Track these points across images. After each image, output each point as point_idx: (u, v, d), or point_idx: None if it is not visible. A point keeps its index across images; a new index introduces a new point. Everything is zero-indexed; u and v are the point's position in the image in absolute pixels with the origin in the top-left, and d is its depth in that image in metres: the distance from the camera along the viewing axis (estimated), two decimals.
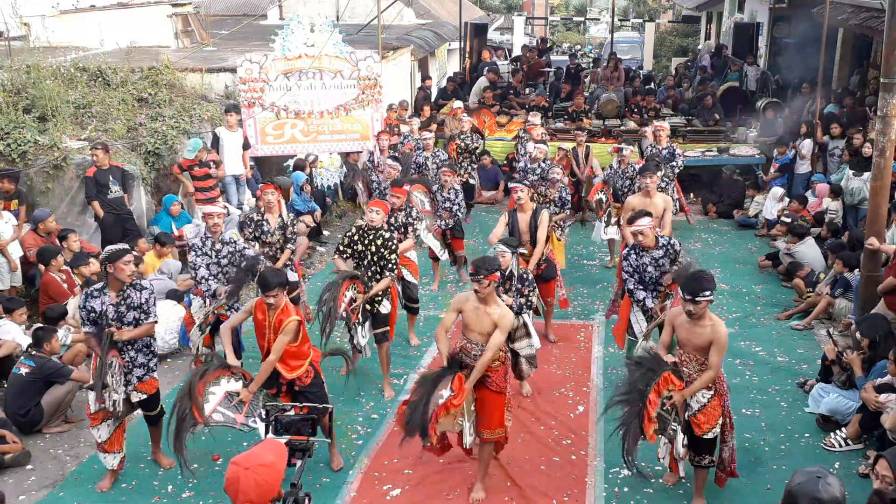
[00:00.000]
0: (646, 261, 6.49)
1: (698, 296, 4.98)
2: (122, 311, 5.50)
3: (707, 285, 5.03)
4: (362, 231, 6.93)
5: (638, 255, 6.53)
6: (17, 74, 9.88)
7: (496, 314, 5.28)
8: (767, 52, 18.21)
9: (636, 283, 6.55)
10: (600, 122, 14.28)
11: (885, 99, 6.99)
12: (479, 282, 5.20)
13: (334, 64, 11.87)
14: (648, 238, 6.42)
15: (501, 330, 5.27)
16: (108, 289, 5.50)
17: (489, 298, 5.29)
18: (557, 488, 5.68)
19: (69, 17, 14.23)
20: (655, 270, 6.49)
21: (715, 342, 5.05)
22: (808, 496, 2.96)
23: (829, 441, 6.19)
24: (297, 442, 3.82)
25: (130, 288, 5.54)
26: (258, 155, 11.82)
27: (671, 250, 6.45)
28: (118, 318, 5.49)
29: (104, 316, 5.47)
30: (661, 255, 6.46)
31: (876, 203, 7.30)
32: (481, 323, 5.31)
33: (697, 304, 5.00)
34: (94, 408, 5.44)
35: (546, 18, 36.56)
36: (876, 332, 6.54)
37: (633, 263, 6.55)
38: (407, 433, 5.22)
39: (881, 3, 9.50)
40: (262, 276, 5.49)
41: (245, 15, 19.44)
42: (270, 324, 5.50)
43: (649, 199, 7.67)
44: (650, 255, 6.48)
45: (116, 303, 5.48)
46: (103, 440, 5.58)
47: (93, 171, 8.98)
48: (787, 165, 12.41)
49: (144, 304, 5.55)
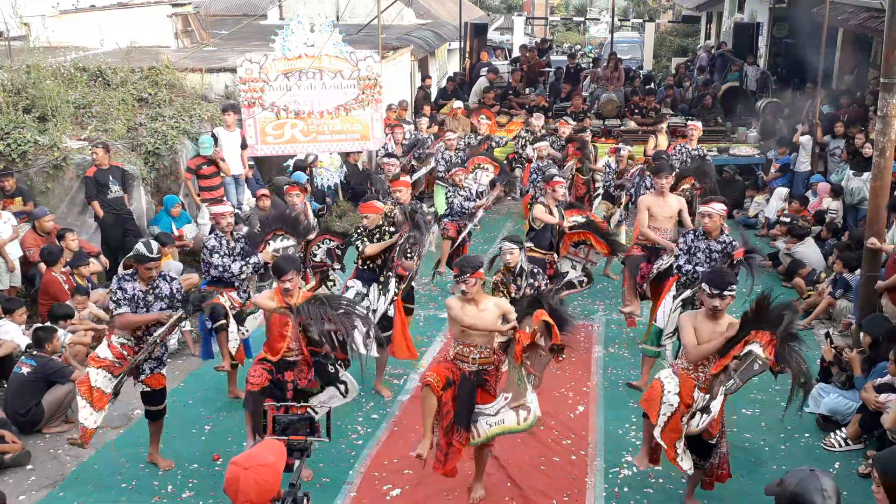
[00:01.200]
0: (701, 246, 6.57)
1: (726, 290, 5.01)
2: (150, 300, 5.60)
3: (733, 279, 5.11)
4: (366, 232, 6.93)
5: (696, 237, 6.63)
6: (17, 74, 9.88)
7: (492, 307, 5.21)
8: (767, 52, 18.22)
9: (686, 259, 6.62)
10: (600, 122, 14.29)
11: (885, 99, 6.98)
12: (464, 282, 5.11)
13: (334, 64, 11.87)
14: (714, 223, 6.50)
15: (510, 312, 5.19)
16: (137, 277, 5.60)
17: (478, 297, 5.20)
18: (557, 488, 5.68)
19: (69, 17, 14.23)
20: (707, 261, 6.52)
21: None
22: (816, 489, 2.96)
23: (829, 441, 6.19)
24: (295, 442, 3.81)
25: (160, 278, 5.67)
26: (258, 155, 11.82)
27: (730, 248, 6.50)
28: (146, 306, 5.59)
29: (135, 299, 5.53)
30: (720, 249, 6.52)
31: (876, 203, 7.30)
32: (474, 321, 5.23)
33: (724, 300, 5.02)
34: (104, 387, 5.52)
35: (546, 18, 36.56)
36: (879, 331, 6.55)
37: (689, 242, 6.64)
38: None
39: (881, 3, 9.50)
40: (276, 262, 5.61)
41: (245, 15, 19.43)
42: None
43: (663, 198, 7.65)
44: (708, 242, 6.55)
45: (145, 291, 5.59)
46: (97, 425, 5.61)
47: (93, 170, 8.98)
48: (787, 165, 12.41)
49: (172, 294, 5.67)
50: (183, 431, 6.47)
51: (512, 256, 6.53)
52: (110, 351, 5.57)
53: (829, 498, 2.97)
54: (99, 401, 5.53)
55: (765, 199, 12.18)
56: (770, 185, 12.42)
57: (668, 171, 7.87)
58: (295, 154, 11.70)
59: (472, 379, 5.25)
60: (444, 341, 8.23)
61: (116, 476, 5.87)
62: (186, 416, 6.72)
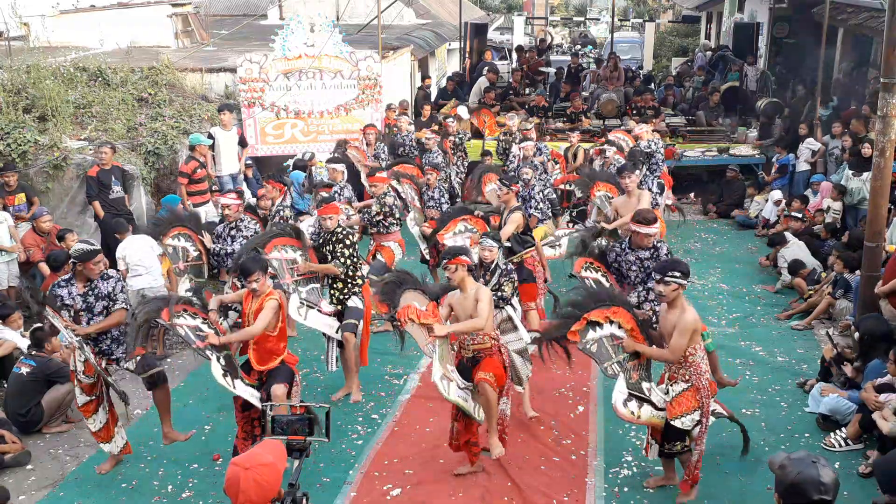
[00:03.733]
0: (630, 258, 6.49)
1: (666, 275, 5.07)
2: (91, 300, 5.66)
3: (677, 267, 5.14)
4: (325, 234, 7.02)
5: (623, 250, 6.55)
6: (17, 74, 9.89)
7: (473, 290, 5.50)
8: (767, 52, 18.21)
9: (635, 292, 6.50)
10: (600, 122, 14.28)
11: (885, 99, 6.98)
12: (448, 269, 5.45)
13: (334, 64, 11.88)
14: (646, 242, 6.39)
15: (482, 297, 5.43)
16: (75, 280, 5.68)
17: (464, 284, 5.51)
18: (557, 488, 5.68)
19: (69, 17, 14.24)
20: (640, 271, 6.46)
21: (678, 326, 5.10)
22: (814, 483, 2.96)
23: (829, 441, 6.18)
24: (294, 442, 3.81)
25: (99, 279, 5.70)
26: (258, 155, 11.83)
27: (658, 254, 6.39)
28: (88, 309, 5.65)
29: (67, 307, 5.62)
30: (648, 256, 6.43)
31: (876, 203, 7.30)
32: (466, 309, 5.48)
33: (667, 285, 5.08)
34: (82, 400, 5.66)
35: (546, 18, 36.53)
36: (870, 330, 6.58)
37: (614, 256, 6.58)
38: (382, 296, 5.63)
39: (881, 3, 9.50)
40: (242, 263, 5.65)
41: (245, 15, 19.44)
42: (252, 311, 5.58)
43: (632, 198, 7.63)
44: (636, 254, 6.47)
45: (84, 293, 5.64)
46: (97, 429, 5.70)
47: (96, 170, 8.96)
48: (786, 165, 12.41)
49: (112, 292, 5.73)
50: (183, 431, 6.46)
51: (490, 253, 6.51)
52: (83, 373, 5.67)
53: (826, 493, 2.97)
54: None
55: (764, 199, 12.18)
56: (771, 186, 12.42)
57: (632, 169, 7.84)
58: (295, 154, 11.70)
59: (469, 365, 5.57)
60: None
61: (116, 476, 5.88)
62: (186, 416, 6.72)
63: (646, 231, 6.34)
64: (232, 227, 7.70)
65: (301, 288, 6.79)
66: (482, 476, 5.75)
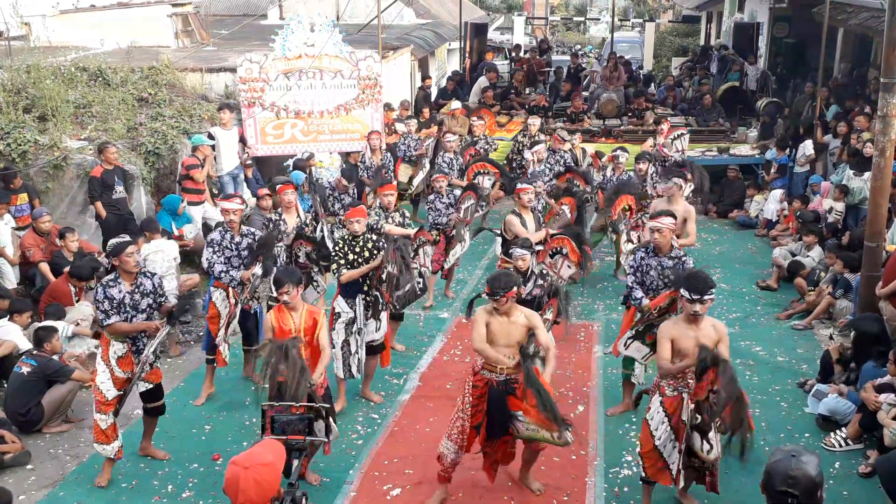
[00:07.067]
0: (652, 263, 6.33)
1: (706, 294, 4.95)
2: (137, 298, 5.65)
3: (712, 283, 5.02)
4: (349, 241, 6.67)
5: (647, 254, 6.39)
6: (17, 74, 9.88)
7: (522, 319, 5.16)
8: (767, 52, 18.22)
9: (635, 281, 6.40)
10: (600, 122, 14.28)
11: (885, 99, 6.99)
12: (497, 301, 5.10)
13: (334, 64, 11.87)
14: (664, 238, 6.24)
15: (539, 327, 5.16)
16: (120, 279, 5.64)
17: (511, 310, 5.16)
18: (557, 488, 5.68)
19: (69, 16, 14.24)
20: (660, 278, 6.28)
21: (723, 340, 5.03)
22: (782, 474, 2.99)
23: (829, 441, 6.19)
24: (294, 441, 3.82)
25: (141, 276, 5.73)
26: (258, 155, 11.82)
27: (681, 265, 6.18)
28: (134, 307, 5.63)
29: (123, 304, 5.58)
30: (671, 265, 6.23)
31: (876, 203, 7.30)
32: (509, 335, 5.15)
33: (705, 304, 4.97)
34: (112, 395, 5.59)
35: (546, 18, 36.53)
36: (864, 330, 6.61)
37: (638, 261, 6.41)
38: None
39: (881, 3, 9.50)
40: (276, 275, 5.68)
41: (245, 15, 19.44)
42: (301, 328, 5.52)
43: (672, 205, 7.49)
44: (659, 259, 6.30)
45: (131, 291, 5.63)
46: (105, 427, 5.62)
47: (99, 170, 8.93)
48: (786, 165, 12.40)
49: (157, 288, 5.78)
50: (183, 431, 6.47)
51: (524, 262, 6.48)
52: (108, 372, 5.61)
53: (793, 486, 2.98)
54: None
55: (764, 199, 12.18)
56: (771, 185, 12.41)
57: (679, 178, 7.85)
58: (295, 154, 11.70)
59: (501, 389, 5.20)
60: (444, 341, 8.24)
61: (116, 475, 5.86)
62: (186, 416, 6.72)
63: (654, 225, 6.26)
64: (233, 235, 6.93)
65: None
66: (482, 476, 5.75)
